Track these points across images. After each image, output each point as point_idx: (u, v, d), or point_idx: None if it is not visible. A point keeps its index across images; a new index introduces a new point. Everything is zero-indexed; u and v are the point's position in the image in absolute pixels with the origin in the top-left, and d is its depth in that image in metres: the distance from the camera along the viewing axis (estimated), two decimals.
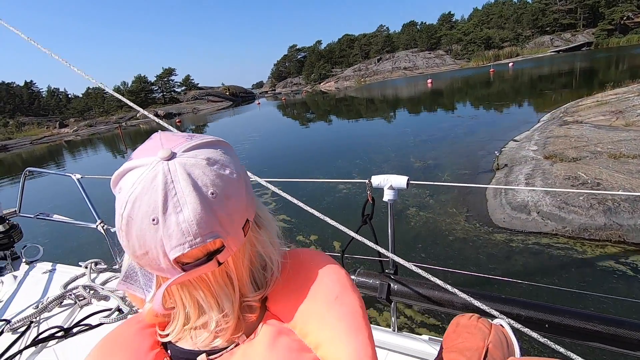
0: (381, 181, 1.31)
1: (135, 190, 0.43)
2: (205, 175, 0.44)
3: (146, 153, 0.46)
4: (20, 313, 1.74)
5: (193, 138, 0.48)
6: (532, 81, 22.79)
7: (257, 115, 31.59)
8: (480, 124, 10.58)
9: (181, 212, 0.42)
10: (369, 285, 1.31)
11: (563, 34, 62.65)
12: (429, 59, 70.39)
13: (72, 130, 53.72)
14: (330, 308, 0.51)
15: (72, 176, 2.25)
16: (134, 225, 0.43)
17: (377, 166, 7.57)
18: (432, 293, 1.18)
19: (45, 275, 2.07)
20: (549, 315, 1.00)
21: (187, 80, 75.49)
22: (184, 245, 0.43)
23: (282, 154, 11.20)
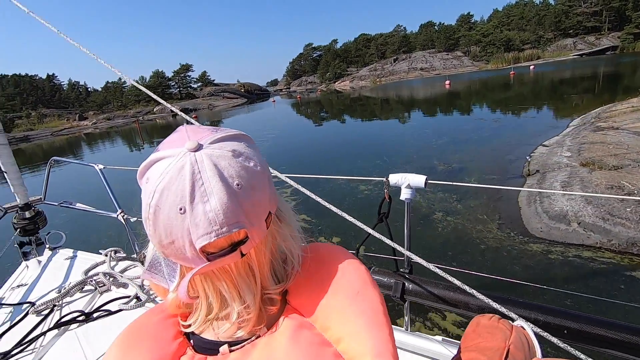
0: (399, 179, 1.30)
1: (163, 180, 0.43)
2: (230, 167, 0.45)
3: (173, 145, 0.46)
4: (44, 296, 1.80)
5: (218, 131, 0.49)
6: (554, 85, 22.08)
7: (273, 113, 31.57)
8: (504, 128, 10.22)
9: (208, 201, 0.43)
10: (383, 283, 1.29)
11: (587, 37, 60.84)
12: (447, 60, 69.37)
13: (91, 123, 54.87)
14: (352, 303, 0.50)
15: (95, 166, 2.30)
16: (162, 214, 0.44)
17: (398, 167, 7.35)
18: (448, 294, 1.16)
19: (67, 262, 2.13)
20: (568, 321, 0.97)
21: (204, 77, 76.23)
22: (211, 234, 0.43)
23: (301, 153, 11.06)
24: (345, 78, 77.80)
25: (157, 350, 0.52)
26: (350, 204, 5.80)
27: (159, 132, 32.29)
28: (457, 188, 5.68)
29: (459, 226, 4.63)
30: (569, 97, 15.17)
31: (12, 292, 1.94)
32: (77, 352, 1.42)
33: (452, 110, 16.63)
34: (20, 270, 2.16)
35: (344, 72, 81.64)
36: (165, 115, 54.23)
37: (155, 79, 68.44)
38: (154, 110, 58.67)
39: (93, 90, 74.21)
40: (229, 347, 0.51)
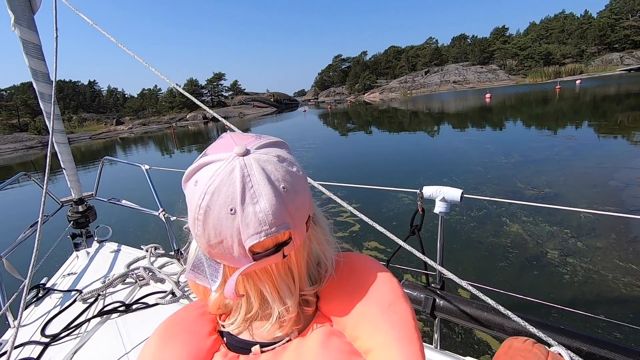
0: (433, 192, 1.28)
1: (214, 182, 0.45)
2: (277, 171, 0.47)
3: (221, 149, 0.48)
4: (90, 285, 1.93)
5: (261, 138, 0.51)
6: (611, 100, 20.37)
7: (306, 124, 31.16)
8: (583, 146, 9.04)
9: (258, 203, 0.44)
10: (414, 297, 1.27)
11: (635, 52, 57.54)
12: (481, 73, 67.49)
13: (127, 127, 56.80)
14: (383, 314, 0.50)
15: (142, 167, 2.40)
16: (212, 214, 0.45)
17: (474, 189, 6.50)
18: (481, 313, 1.12)
19: (112, 254, 2.26)
20: (616, 354, 0.91)
21: (235, 85, 77.86)
22: (261, 233, 0.45)
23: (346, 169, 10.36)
24: (375, 90, 77.20)
25: (193, 344, 0.53)
26: (380, 213, 5.48)
27: (189, 138, 32.62)
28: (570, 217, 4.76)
29: (593, 276, 3.71)
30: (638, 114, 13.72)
31: (63, 279, 2.07)
32: (116, 339, 1.50)
33: (506, 124, 15.46)
34: (71, 260, 2.28)
35: (374, 83, 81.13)
36: (197, 122, 55.34)
37: (189, 86, 70.34)
38: (187, 117, 60.07)
39: (130, 96, 77.26)
40: (261, 347, 0.51)
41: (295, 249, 0.51)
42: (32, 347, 1.51)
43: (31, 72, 1.97)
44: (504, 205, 5.52)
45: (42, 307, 1.82)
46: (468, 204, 5.57)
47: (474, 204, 5.57)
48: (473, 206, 5.53)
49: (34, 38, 1.93)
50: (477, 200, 5.45)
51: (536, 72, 59.18)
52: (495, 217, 5.20)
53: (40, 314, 1.75)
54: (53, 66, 1.70)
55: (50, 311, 1.76)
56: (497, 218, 5.17)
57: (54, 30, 1.68)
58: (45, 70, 2.02)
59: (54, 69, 1.71)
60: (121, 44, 1.58)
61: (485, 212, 5.37)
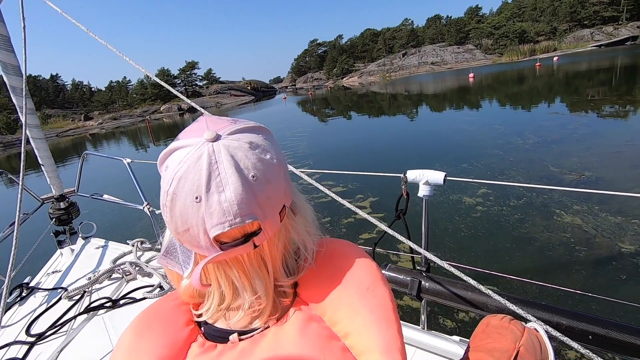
0: (417, 176, 1.30)
1: (181, 169, 0.44)
2: (247, 159, 0.45)
3: (193, 134, 0.47)
4: (76, 283, 1.94)
5: (237, 122, 0.50)
6: (593, 77, 20.44)
7: (288, 111, 30.08)
8: (598, 123, 8.67)
9: (223, 192, 0.43)
10: (400, 280, 1.30)
11: (604, 28, 58.92)
12: (458, 53, 67.57)
13: (96, 123, 53.65)
14: (362, 298, 0.51)
15: (123, 160, 2.39)
16: (178, 201, 0.44)
17: (502, 174, 5.95)
18: (465, 293, 1.15)
19: (98, 250, 2.26)
20: (593, 326, 0.95)
21: (209, 74, 74.89)
22: (224, 224, 0.44)
23: (347, 156, 9.65)
24: (354, 74, 76.17)
25: (170, 335, 0.53)
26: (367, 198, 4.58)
27: (166, 131, 30.98)
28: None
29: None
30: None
31: (47, 277, 2.04)
32: (103, 336, 1.50)
33: (502, 103, 15.09)
34: (55, 258, 2.26)
35: (352, 67, 79.97)
36: (172, 114, 52.93)
37: (161, 77, 66.81)
38: (161, 109, 57.35)
39: (97, 89, 72.90)
40: (239, 336, 0.51)
41: (268, 239, 0.50)
42: (17, 347, 1.50)
43: (1, 65, 1.91)
44: (506, 189, 5.32)
45: (27, 306, 1.80)
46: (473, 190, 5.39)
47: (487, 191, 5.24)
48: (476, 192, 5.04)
49: (1, 29, 1.86)
50: (492, 187, 5.34)
51: (512, 50, 59.80)
52: (486, 201, 5.08)
53: (25, 313, 1.74)
54: (23, 58, 1.62)
55: (35, 310, 1.74)
56: (487, 201, 5.06)
57: (20, 20, 1.59)
58: (15, 62, 1.94)
59: (24, 61, 1.64)
60: (92, 33, 1.52)
61: (493, 197, 4.93)
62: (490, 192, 5.28)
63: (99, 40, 1.54)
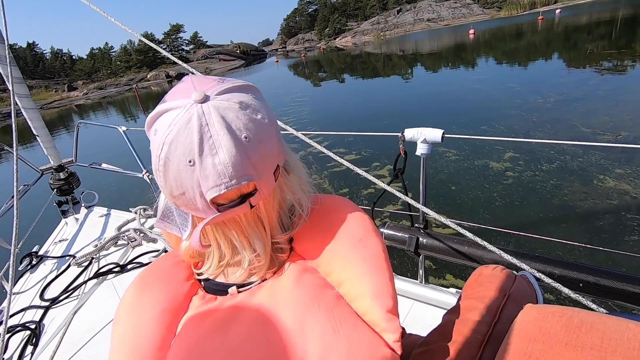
0: (414, 134, 1.29)
1: (172, 132, 0.43)
2: (238, 119, 0.44)
3: (179, 95, 0.45)
4: (83, 249, 2.00)
5: (225, 82, 0.48)
6: (602, 28, 19.51)
7: (282, 75, 28.84)
8: (622, 80, 8.02)
9: (217, 154, 0.43)
10: (398, 238, 1.31)
11: None
12: (455, 8, 64.61)
13: (81, 93, 51.40)
14: (354, 249, 0.52)
15: (119, 128, 2.39)
16: (171, 166, 0.44)
17: (529, 136, 5.58)
18: (462, 247, 1.16)
19: (101, 219, 2.30)
20: (584, 274, 0.98)
21: (195, 38, 71.26)
22: (220, 186, 0.44)
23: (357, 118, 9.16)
24: (347, 34, 73.02)
25: (171, 290, 0.54)
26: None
27: (154, 100, 29.69)
28: None
29: None
30: None
31: (55, 246, 2.11)
32: (114, 299, 1.58)
33: (510, 60, 14.36)
34: (60, 227, 2.31)
35: (344, 27, 76.51)
36: (160, 82, 50.77)
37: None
38: (148, 77, 54.96)
39: (78, 58, 69.29)
40: (237, 288, 0.52)
41: (264, 198, 0.50)
42: (33, 312, 1.58)
43: None
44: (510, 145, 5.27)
45: (38, 274, 1.85)
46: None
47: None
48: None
49: None
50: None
51: (511, 4, 57.25)
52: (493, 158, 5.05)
53: (37, 280, 1.79)
54: (2, 23, 1.58)
55: (46, 277, 1.79)
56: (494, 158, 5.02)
57: None
58: None
59: (4, 27, 1.61)
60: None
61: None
62: (502, 149, 5.19)
63: (85, 2, 1.46)
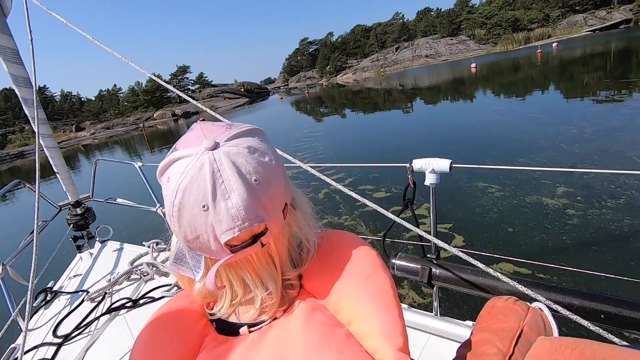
0: (422, 165, 1.30)
1: (185, 179, 0.44)
2: (248, 163, 0.46)
3: (191, 143, 0.48)
4: (96, 284, 2.00)
5: (232, 127, 0.50)
6: (599, 61, 19.82)
7: (289, 112, 29.14)
8: None
9: (229, 198, 0.44)
10: (410, 269, 1.30)
11: (597, 12, 58.62)
12: (452, 45, 66.97)
13: (89, 133, 52.26)
14: (362, 286, 0.52)
15: (135, 164, 2.50)
16: (186, 212, 0.45)
17: (580, 166, 5.20)
18: (475, 278, 1.14)
19: (115, 253, 2.31)
20: (606, 305, 0.93)
21: (201, 78, 73.70)
22: (234, 229, 0.45)
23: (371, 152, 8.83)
24: (347, 70, 75.32)
25: (183, 330, 0.55)
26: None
27: (160, 139, 29.95)
28: None
29: None
30: None
31: (69, 281, 2.10)
32: (126, 335, 1.56)
33: (526, 92, 14.27)
34: (75, 262, 2.32)
35: (345, 64, 79.09)
36: (166, 121, 51.69)
37: (153, 83, 65.60)
38: (154, 116, 56.07)
39: (87, 99, 71.27)
40: (248, 328, 0.53)
41: (274, 237, 0.52)
42: (46, 349, 1.56)
43: (12, 78, 1.94)
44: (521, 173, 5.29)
45: (52, 309, 1.86)
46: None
47: None
48: None
49: (10, 43, 1.90)
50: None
51: (506, 39, 59.32)
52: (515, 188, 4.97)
53: (50, 316, 1.80)
54: (32, 70, 1.67)
55: (59, 313, 1.80)
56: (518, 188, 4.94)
57: (28, 33, 1.61)
58: (25, 75, 1.97)
59: (33, 73, 1.68)
60: (98, 41, 1.55)
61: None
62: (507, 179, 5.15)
63: (104, 48, 1.54)
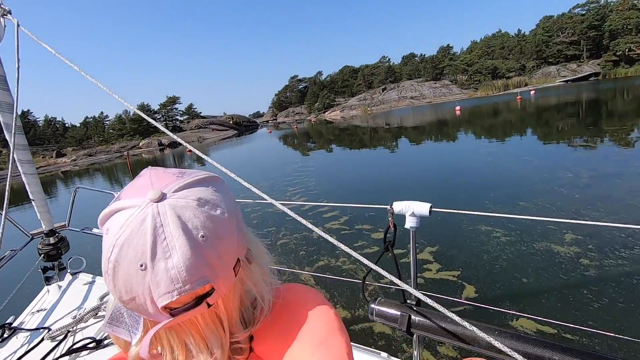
0: (403, 207, 1.30)
1: (124, 234, 0.41)
2: (195, 218, 0.42)
3: (136, 192, 0.44)
4: (60, 321, 1.84)
5: (184, 175, 0.47)
6: (578, 108, 21.04)
7: (278, 146, 29.20)
8: None
9: (170, 257, 0.40)
10: (389, 315, 1.25)
11: (568, 65, 63.16)
12: (435, 88, 70.33)
13: (69, 159, 50.80)
14: (316, 352, 0.49)
15: (115, 194, 2.52)
16: (121, 270, 0.41)
17: (585, 215, 5.11)
18: (455, 328, 1.11)
19: (86, 287, 2.15)
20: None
21: (190, 109, 74.12)
22: (172, 293, 0.40)
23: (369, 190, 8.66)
24: (335, 108, 77.51)
25: None
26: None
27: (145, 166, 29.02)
28: None
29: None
30: None
31: (32, 316, 1.97)
32: None
33: (512, 135, 14.74)
34: (41, 295, 2.17)
35: (333, 102, 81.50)
36: (152, 150, 51.05)
37: (141, 110, 65.28)
38: (140, 145, 55.36)
39: (71, 125, 70.19)
40: None
41: (223, 296, 0.47)
42: None
43: None
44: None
45: (8, 348, 1.71)
46: None
47: None
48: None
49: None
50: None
51: (486, 85, 62.67)
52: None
53: (6, 355, 1.66)
54: (15, 96, 1.68)
55: (16, 352, 1.66)
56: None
57: (15, 61, 1.62)
58: (10, 100, 1.98)
59: (15, 99, 1.71)
60: (84, 72, 1.53)
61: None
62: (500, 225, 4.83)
63: (89, 79, 1.51)
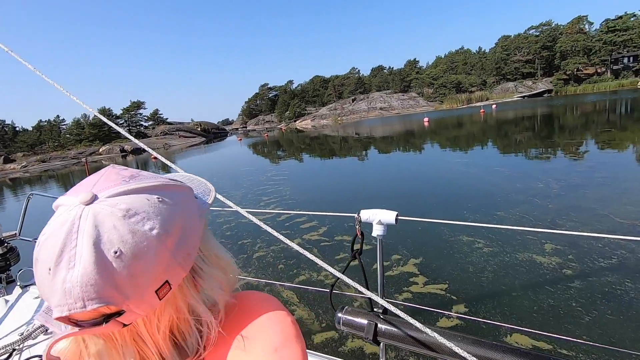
0: (370, 216, 1.31)
1: (47, 231, 0.40)
2: (114, 230, 0.39)
3: (78, 189, 0.42)
4: (5, 338, 1.72)
5: (133, 180, 0.44)
6: (534, 122, 22.46)
7: (249, 153, 28.56)
8: (613, 165, 8.38)
9: (73, 268, 0.37)
10: (356, 324, 1.25)
11: (524, 81, 67.41)
12: (403, 100, 72.42)
13: (19, 166, 46.94)
14: (268, 359, 0.48)
15: None
16: (37, 268, 0.40)
17: (561, 225, 5.20)
18: (421, 336, 1.12)
19: (36, 301, 2.01)
20: None
21: (155, 115, 71.35)
22: (63, 307, 0.37)
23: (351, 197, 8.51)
24: (306, 117, 77.65)
25: None
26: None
27: None
28: None
29: None
30: (604, 131, 14.51)
31: None
32: None
33: (479, 147, 15.26)
34: None
35: (303, 111, 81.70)
36: (113, 156, 48.38)
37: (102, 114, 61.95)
38: (100, 151, 52.30)
39: (22, 129, 65.22)
40: None
41: (145, 318, 0.43)
42: None
43: None
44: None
45: None
46: None
47: None
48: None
49: None
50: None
51: (451, 98, 65.38)
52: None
53: None
54: None
55: None
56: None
57: None
58: None
59: None
60: (39, 71, 1.40)
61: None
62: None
63: (45, 79, 1.40)
